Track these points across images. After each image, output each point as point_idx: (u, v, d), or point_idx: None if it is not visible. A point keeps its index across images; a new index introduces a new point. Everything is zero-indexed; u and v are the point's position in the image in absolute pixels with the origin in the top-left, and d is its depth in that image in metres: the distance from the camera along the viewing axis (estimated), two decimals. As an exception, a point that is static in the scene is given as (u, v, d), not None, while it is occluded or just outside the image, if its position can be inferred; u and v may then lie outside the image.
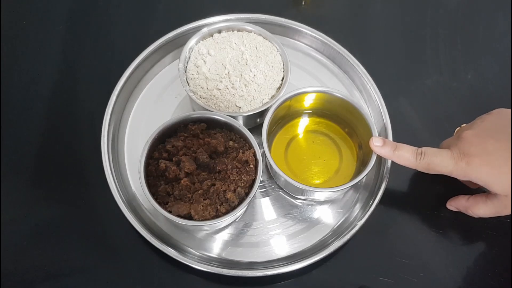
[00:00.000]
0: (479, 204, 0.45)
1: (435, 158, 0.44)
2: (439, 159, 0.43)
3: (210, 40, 0.52)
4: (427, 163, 0.44)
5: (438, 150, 0.44)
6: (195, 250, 0.47)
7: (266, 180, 0.51)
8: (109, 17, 0.62)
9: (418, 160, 0.44)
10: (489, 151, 0.42)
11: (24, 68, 0.57)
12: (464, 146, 0.43)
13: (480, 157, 0.42)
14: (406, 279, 0.47)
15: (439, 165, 0.43)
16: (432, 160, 0.43)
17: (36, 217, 0.49)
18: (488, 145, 0.42)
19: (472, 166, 0.42)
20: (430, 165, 0.44)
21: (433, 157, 0.44)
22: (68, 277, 0.46)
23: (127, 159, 0.52)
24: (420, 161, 0.44)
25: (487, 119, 0.45)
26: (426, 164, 0.44)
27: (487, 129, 0.44)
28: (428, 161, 0.44)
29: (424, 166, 0.44)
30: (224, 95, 0.49)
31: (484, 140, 0.43)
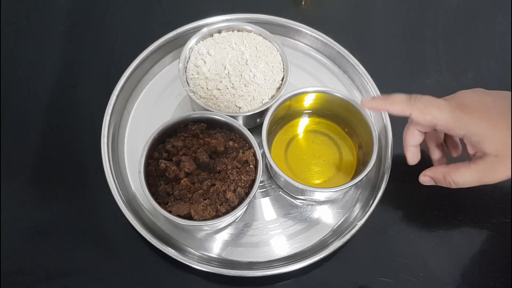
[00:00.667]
0: (461, 169, 0.42)
1: (431, 101, 0.41)
2: (436, 104, 0.41)
3: (210, 40, 0.52)
4: (422, 106, 0.41)
5: (434, 98, 0.41)
6: (195, 250, 0.47)
7: (266, 180, 0.51)
8: (109, 17, 0.62)
9: (413, 102, 0.41)
10: (488, 105, 0.40)
11: (24, 68, 0.57)
12: (462, 98, 0.41)
13: (479, 110, 0.40)
14: (406, 279, 0.47)
15: (436, 111, 0.40)
16: (429, 103, 0.41)
17: (36, 217, 0.49)
18: (487, 100, 0.40)
19: (470, 117, 0.39)
20: (426, 107, 0.40)
21: (429, 101, 0.41)
22: (68, 277, 0.46)
23: (127, 159, 0.52)
24: (415, 103, 0.41)
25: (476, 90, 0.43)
26: (422, 106, 0.41)
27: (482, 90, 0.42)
28: (425, 103, 0.41)
29: (419, 108, 0.41)
30: (224, 95, 0.49)
31: (482, 95, 0.41)
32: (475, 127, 0.40)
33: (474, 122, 0.40)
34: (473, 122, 0.40)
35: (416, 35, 0.63)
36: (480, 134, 0.40)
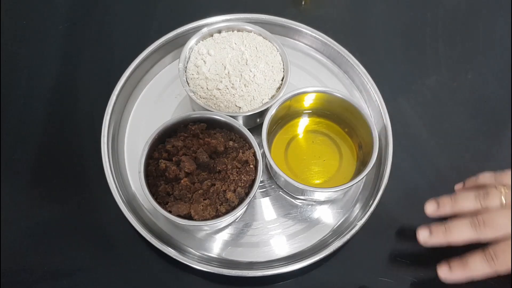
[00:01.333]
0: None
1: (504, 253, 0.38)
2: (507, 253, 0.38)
3: (210, 40, 0.52)
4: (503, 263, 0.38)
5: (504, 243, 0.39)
6: (195, 250, 0.47)
7: (266, 180, 0.51)
8: (109, 17, 0.62)
9: (493, 264, 0.39)
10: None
11: (24, 68, 0.57)
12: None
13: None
14: (406, 279, 0.47)
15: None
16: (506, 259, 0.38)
17: (36, 217, 0.49)
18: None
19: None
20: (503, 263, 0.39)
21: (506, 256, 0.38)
22: (68, 277, 0.46)
23: (127, 159, 0.52)
24: (495, 263, 0.39)
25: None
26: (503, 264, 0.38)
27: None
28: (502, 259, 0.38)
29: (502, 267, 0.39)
30: (224, 95, 0.49)
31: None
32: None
33: None
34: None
35: (416, 35, 0.63)
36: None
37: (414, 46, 0.62)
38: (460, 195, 0.42)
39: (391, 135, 0.51)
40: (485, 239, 0.39)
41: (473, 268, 0.39)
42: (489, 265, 0.39)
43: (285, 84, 0.50)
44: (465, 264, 0.40)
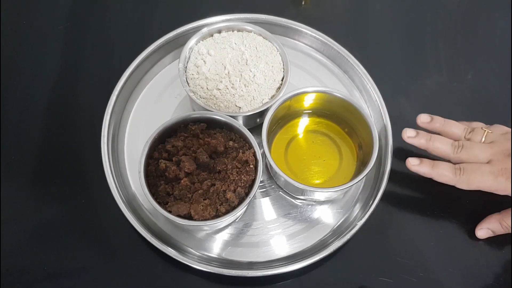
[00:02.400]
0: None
1: (474, 173, 0.44)
2: (478, 174, 0.44)
3: (210, 40, 0.52)
4: (467, 179, 0.44)
5: (477, 166, 0.45)
6: (195, 250, 0.47)
7: (266, 180, 0.51)
8: (109, 17, 0.62)
9: (458, 176, 0.45)
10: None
11: (24, 68, 0.57)
12: (504, 161, 0.44)
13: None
14: (406, 279, 0.47)
15: (480, 181, 0.44)
16: (472, 176, 0.44)
17: (36, 217, 0.49)
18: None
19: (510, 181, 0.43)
20: (470, 180, 0.44)
21: (472, 173, 0.44)
22: (68, 277, 0.46)
23: (127, 159, 0.52)
24: (460, 176, 0.45)
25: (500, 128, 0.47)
26: (466, 179, 0.44)
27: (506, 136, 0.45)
28: (468, 176, 0.44)
29: (464, 181, 0.45)
30: (224, 95, 0.49)
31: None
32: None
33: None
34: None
35: (416, 35, 0.63)
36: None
37: (414, 46, 0.62)
38: (452, 121, 0.49)
39: (391, 135, 0.51)
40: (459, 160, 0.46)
41: (440, 171, 0.46)
42: (454, 175, 0.45)
43: (285, 84, 0.50)
44: (435, 165, 0.46)
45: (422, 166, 0.46)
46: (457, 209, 0.51)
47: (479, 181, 0.44)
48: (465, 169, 0.45)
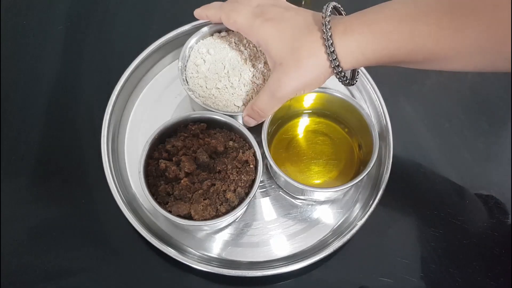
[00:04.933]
0: (260, 94, 0.44)
1: (236, 8, 0.45)
2: (238, 10, 0.44)
3: (210, 40, 0.52)
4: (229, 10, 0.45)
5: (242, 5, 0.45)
6: (195, 250, 0.47)
7: (266, 180, 0.51)
8: (109, 17, 0.62)
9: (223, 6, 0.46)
10: (284, 18, 0.42)
11: (24, 68, 0.57)
12: (269, 10, 0.43)
13: (273, 20, 0.42)
14: (406, 279, 0.47)
15: (237, 17, 0.44)
16: (233, 9, 0.45)
17: (36, 217, 0.49)
18: (286, 14, 0.43)
19: (264, 25, 0.42)
20: (231, 12, 0.45)
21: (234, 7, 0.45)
22: (68, 277, 0.46)
23: (127, 159, 0.52)
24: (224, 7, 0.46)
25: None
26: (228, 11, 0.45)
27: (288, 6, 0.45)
28: (230, 8, 0.45)
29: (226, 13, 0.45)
30: (223, 94, 0.49)
31: (285, 11, 0.43)
32: (264, 34, 0.42)
33: (265, 29, 0.42)
34: (264, 29, 0.42)
35: (416, 35, 0.63)
36: (268, 41, 0.42)
37: (414, 46, 0.62)
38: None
39: (391, 135, 0.51)
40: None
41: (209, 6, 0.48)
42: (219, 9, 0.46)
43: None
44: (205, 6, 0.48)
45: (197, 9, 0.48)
46: (457, 209, 0.51)
47: (236, 18, 0.44)
48: (230, 3, 0.45)
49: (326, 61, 0.40)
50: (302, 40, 0.40)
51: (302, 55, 0.40)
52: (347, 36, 0.39)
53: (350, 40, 0.39)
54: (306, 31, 0.41)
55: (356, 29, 0.39)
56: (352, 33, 0.39)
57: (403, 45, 0.38)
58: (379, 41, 0.38)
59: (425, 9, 0.36)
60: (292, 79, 0.41)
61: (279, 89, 0.42)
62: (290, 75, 0.41)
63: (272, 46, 0.42)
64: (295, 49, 0.41)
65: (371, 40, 0.38)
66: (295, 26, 0.41)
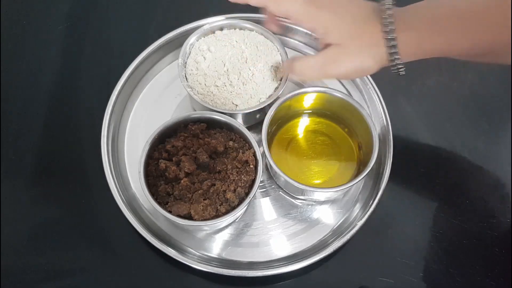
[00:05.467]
0: (308, 57, 0.45)
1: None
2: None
3: (211, 37, 0.52)
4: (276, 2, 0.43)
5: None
6: (195, 250, 0.47)
7: (266, 180, 0.51)
8: (109, 17, 0.62)
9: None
10: (341, 4, 0.42)
11: (24, 68, 0.57)
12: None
13: (328, 5, 0.42)
14: (406, 279, 0.47)
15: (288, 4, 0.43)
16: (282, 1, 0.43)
17: (36, 217, 0.49)
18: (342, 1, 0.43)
19: (319, 10, 0.42)
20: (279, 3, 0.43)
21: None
22: (68, 277, 0.46)
23: (127, 159, 0.52)
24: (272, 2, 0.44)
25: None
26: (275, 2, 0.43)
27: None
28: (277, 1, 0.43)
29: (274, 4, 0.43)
30: (222, 92, 0.49)
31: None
32: (322, 19, 0.42)
33: (322, 15, 0.42)
34: (321, 15, 0.42)
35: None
36: (326, 25, 0.42)
37: (414, 46, 0.62)
38: None
39: (391, 135, 0.51)
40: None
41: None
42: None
43: (284, 84, 0.50)
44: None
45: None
46: (457, 209, 0.51)
47: (288, 5, 0.43)
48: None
49: (385, 53, 0.41)
50: (363, 28, 0.41)
51: (364, 42, 0.41)
52: (408, 32, 0.40)
53: (410, 36, 0.40)
54: (366, 19, 0.41)
55: (417, 26, 0.40)
56: (413, 29, 0.40)
57: (463, 41, 0.39)
58: (439, 38, 0.40)
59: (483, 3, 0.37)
60: (351, 61, 0.42)
61: (333, 65, 0.43)
62: (350, 57, 0.42)
63: (332, 30, 0.42)
64: (356, 36, 0.41)
65: (432, 36, 0.40)
66: (354, 13, 0.42)
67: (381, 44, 0.41)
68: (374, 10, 0.42)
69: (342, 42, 0.42)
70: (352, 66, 0.42)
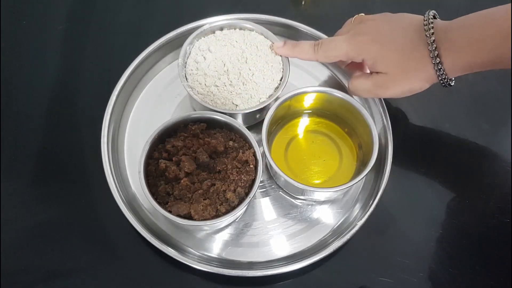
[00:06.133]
0: (361, 77, 0.48)
1: (330, 43, 0.47)
2: (333, 43, 0.47)
3: (212, 37, 0.52)
4: (324, 51, 0.47)
5: (333, 37, 0.49)
6: (195, 250, 0.47)
7: (266, 180, 0.51)
8: (109, 17, 0.62)
9: (316, 50, 0.47)
10: (382, 32, 0.45)
11: (24, 68, 0.57)
12: (358, 27, 0.47)
13: (371, 35, 0.45)
14: (406, 279, 0.47)
15: (335, 49, 0.46)
16: (328, 47, 0.46)
17: (36, 217, 0.49)
18: (383, 28, 0.45)
19: (364, 43, 0.45)
20: (327, 52, 0.47)
21: (328, 44, 0.47)
22: (68, 277, 0.46)
23: (127, 159, 0.52)
24: (318, 50, 0.47)
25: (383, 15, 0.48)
26: (323, 52, 0.47)
27: (383, 17, 0.47)
28: (324, 48, 0.47)
29: (322, 54, 0.47)
30: (222, 92, 0.49)
31: (379, 23, 0.46)
32: (369, 52, 0.45)
33: (367, 48, 0.45)
34: (366, 48, 0.45)
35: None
36: (372, 57, 0.45)
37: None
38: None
39: (391, 135, 0.51)
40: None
41: (299, 49, 0.49)
42: (312, 50, 0.48)
43: (283, 84, 0.50)
44: (296, 44, 0.49)
45: (285, 47, 0.49)
46: (457, 209, 0.51)
47: (334, 49, 0.46)
48: (322, 42, 0.47)
49: (433, 74, 0.43)
50: (409, 54, 0.43)
51: (409, 68, 0.44)
52: (454, 53, 0.42)
53: (456, 57, 0.42)
54: (411, 45, 0.43)
55: (462, 47, 0.41)
56: (458, 50, 0.42)
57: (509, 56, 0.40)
58: (486, 56, 0.41)
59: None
60: (398, 86, 0.45)
61: (382, 89, 0.46)
62: (397, 83, 0.45)
63: (379, 61, 0.45)
64: (403, 63, 0.44)
65: (477, 55, 0.41)
66: (398, 41, 0.44)
67: (428, 67, 0.43)
68: (417, 32, 0.44)
69: (389, 71, 0.45)
70: (400, 90, 0.46)
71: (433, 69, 0.43)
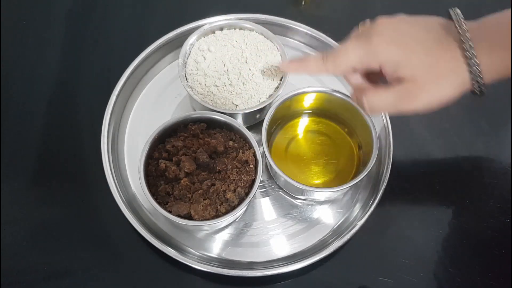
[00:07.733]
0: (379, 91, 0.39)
1: (339, 50, 0.40)
2: (343, 49, 0.40)
3: (211, 37, 0.52)
4: (333, 59, 0.40)
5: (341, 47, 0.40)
6: (195, 250, 0.47)
7: (266, 180, 0.51)
8: (109, 17, 0.62)
9: (325, 62, 0.41)
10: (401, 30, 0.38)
11: (24, 68, 0.57)
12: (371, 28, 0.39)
13: (389, 35, 0.38)
14: (406, 279, 0.47)
15: (346, 54, 0.39)
16: (337, 53, 0.40)
17: (36, 217, 0.49)
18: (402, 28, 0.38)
19: (381, 45, 0.38)
20: (336, 59, 0.40)
21: (337, 51, 0.40)
22: (68, 277, 0.46)
23: (127, 159, 0.52)
24: (327, 61, 0.41)
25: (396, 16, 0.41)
26: (332, 60, 0.40)
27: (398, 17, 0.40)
28: (333, 56, 0.40)
29: (332, 64, 0.40)
30: (222, 92, 0.49)
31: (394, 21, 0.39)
32: (389, 56, 0.37)
33: (386, 50, 0.37)
34: (385, 50, 0.37)
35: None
36: (394, 61, 0.37)
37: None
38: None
39: (391, 135, 0.51)
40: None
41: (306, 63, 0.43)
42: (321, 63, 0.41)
43: (283, 84, 0.50)
44: (303, 59, 0.44)
45: (291, 63, 0.45)
46: (457, 209, 0.51)
47: (345, 55, 0.39)
48: (330, 53, 0.40)
49: (466, 78, 0.37)
50: (438, 54, 0.37)
51: (440, 70, 0.37)
52: (493, 54, 0.36)
53: (495, 57, 0.37)
54: (439, 43, 0.37)
55: (502, 46, 0.36)
56: (498, 50, 0.36)
57: None
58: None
59: None
60: (427, 95, 0.38)
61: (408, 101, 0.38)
62: (427, 92, 0.38)
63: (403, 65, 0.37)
64: (432, 65, 0.37)
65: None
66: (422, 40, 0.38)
67: (461, 69, 0.37)
68: (445, 29, 0.38)
69: (416, 76, 0.37)
70: (427, 100, 0.38)
71: (467, 71, 0.36)
